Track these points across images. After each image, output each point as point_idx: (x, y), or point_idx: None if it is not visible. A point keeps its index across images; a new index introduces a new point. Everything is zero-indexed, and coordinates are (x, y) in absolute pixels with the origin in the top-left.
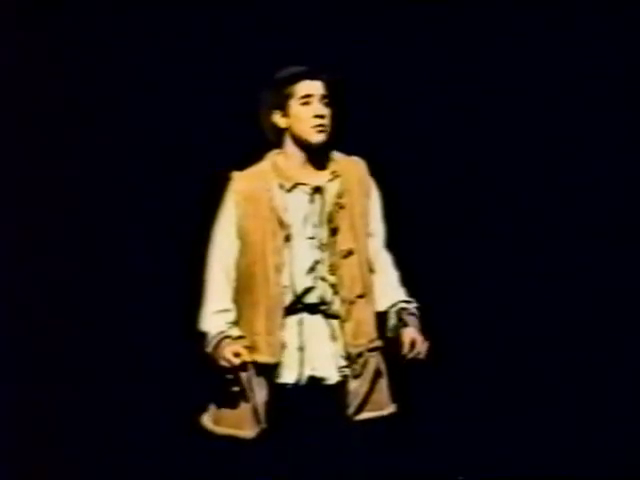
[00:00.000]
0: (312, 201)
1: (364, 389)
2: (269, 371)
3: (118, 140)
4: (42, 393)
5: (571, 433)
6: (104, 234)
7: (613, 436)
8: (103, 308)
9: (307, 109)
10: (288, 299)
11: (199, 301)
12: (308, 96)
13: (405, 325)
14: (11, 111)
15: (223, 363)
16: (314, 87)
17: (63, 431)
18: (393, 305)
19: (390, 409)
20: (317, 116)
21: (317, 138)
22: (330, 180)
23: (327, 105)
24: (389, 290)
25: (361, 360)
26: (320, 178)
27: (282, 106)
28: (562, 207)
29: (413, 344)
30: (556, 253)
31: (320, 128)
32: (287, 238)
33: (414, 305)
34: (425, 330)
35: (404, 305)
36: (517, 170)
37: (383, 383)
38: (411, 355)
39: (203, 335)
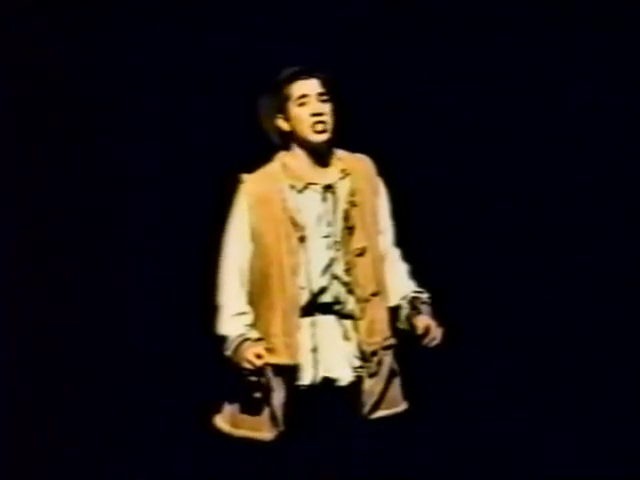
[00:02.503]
0: (324, 200)
1: (379, 387)
2: (287, 373)
3: (119, 141)
4: (42, 393)
5: (587, 433)
6: (106, 235)
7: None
8: (103, 310)
9: (304, 109)
10: (304, 300)
11: (207, 304)
12: (304, 96)
13: (418, 313)
14: (11, 111)
15: (245, 365)
16: (309, 86)
17: (63, 431)
18: (405, 297)
19: (403, 406)
20: (314, 114)
21: (317, 138)
22: (341, 178)
23: (326, 102)
24: (400, 284)
25: (376, 358)
26: (330, 177)
27: (282, 110)
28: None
29: (428, 330)
30: (556, 252)
31: (319, 127)
32: (302, 239)
33: (426, 295)
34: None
35: (416, 295)
36: (517, 168)
37: (397, 381)
38: (426, 341)
39: (222, 339)
